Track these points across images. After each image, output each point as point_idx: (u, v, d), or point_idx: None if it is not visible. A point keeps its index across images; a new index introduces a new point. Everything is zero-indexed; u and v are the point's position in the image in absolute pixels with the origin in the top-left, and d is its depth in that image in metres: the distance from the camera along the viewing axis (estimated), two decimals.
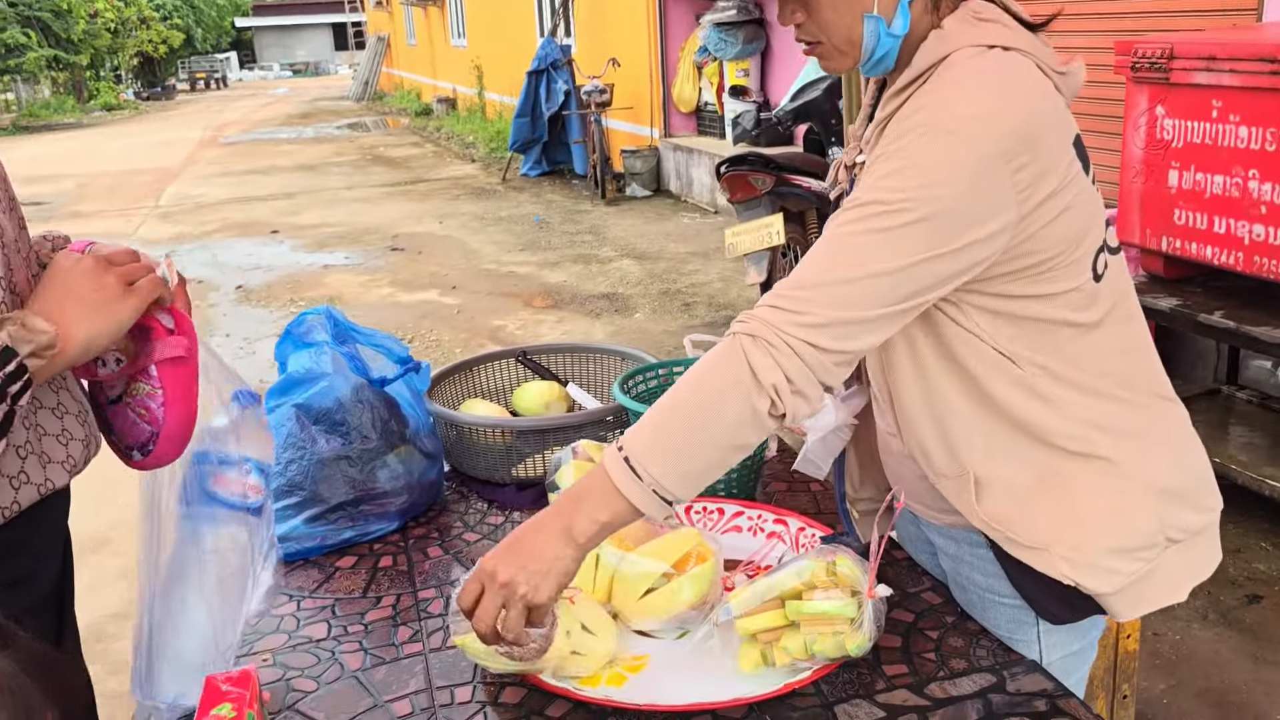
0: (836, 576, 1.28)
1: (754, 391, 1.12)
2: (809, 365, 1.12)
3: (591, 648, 1.29)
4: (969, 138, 1.12)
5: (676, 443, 1.14)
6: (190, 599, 1.27)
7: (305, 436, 1.72)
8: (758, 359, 1.12)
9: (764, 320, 1.13)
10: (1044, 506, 1.29)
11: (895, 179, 1.13)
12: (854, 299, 1.12)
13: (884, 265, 1.12)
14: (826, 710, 1.25)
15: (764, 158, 4.80)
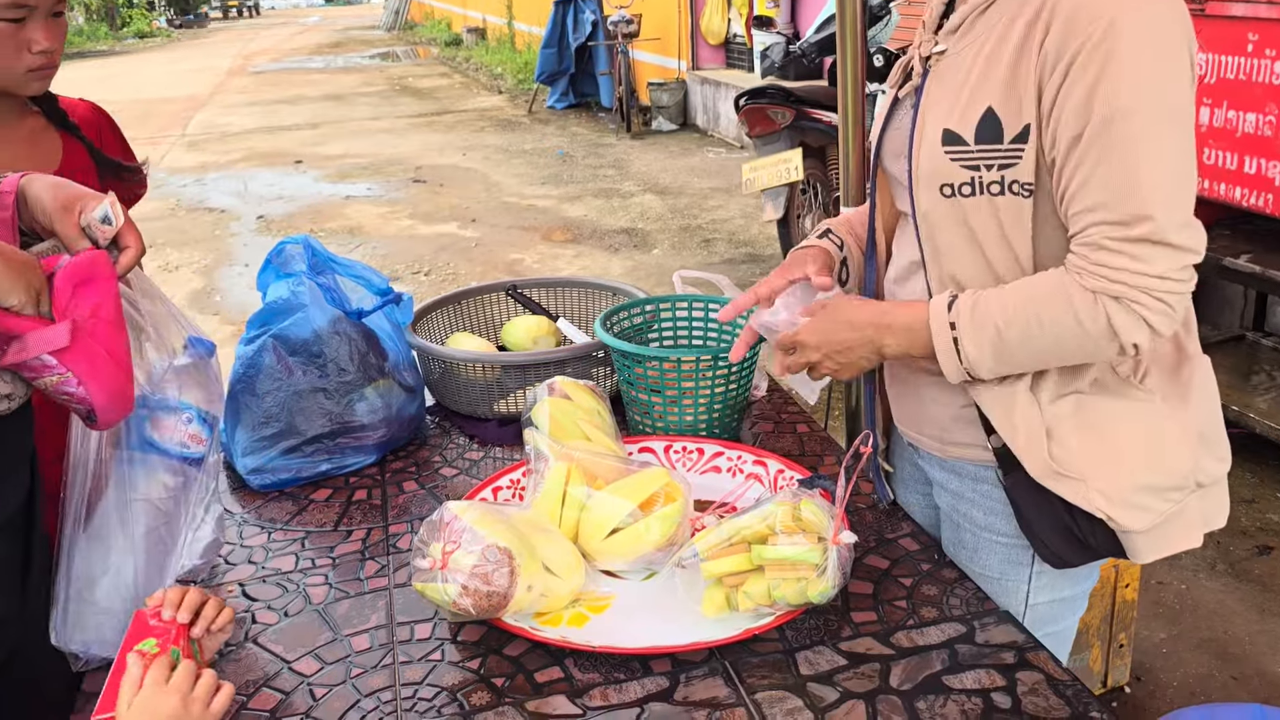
0: (801, 521, 1.24)
1: (1105, 343, 1.18)
2: (1173, 311, 1.16)
3: (553, 589, 1.27)
4: (1162, 16, 1.13)
5: (1011, 355, 1.22)
6: (115, 545, 1.24)
7: (282, 368, 1.70)
8: (1119, 317, 1.15)
9: (1127, 284, 1.14)
10: (1083, 437, 1.26)
11: (1129, 79, 1.12)
12: (1191, 235, 1.14)
13: (1183, 176, 1.15)
14: (787, 656, 1.23)
15: (784, 91, 4.68)
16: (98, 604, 1.20)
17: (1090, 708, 1.12)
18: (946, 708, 1.13)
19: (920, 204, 1.29)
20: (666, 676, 1.20)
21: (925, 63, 1.31)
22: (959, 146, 1.22)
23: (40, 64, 1.57)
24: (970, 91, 1.21)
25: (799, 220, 4.90)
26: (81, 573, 1.20)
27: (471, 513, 1.24)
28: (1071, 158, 1.16)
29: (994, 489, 1.35)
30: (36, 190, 1.19)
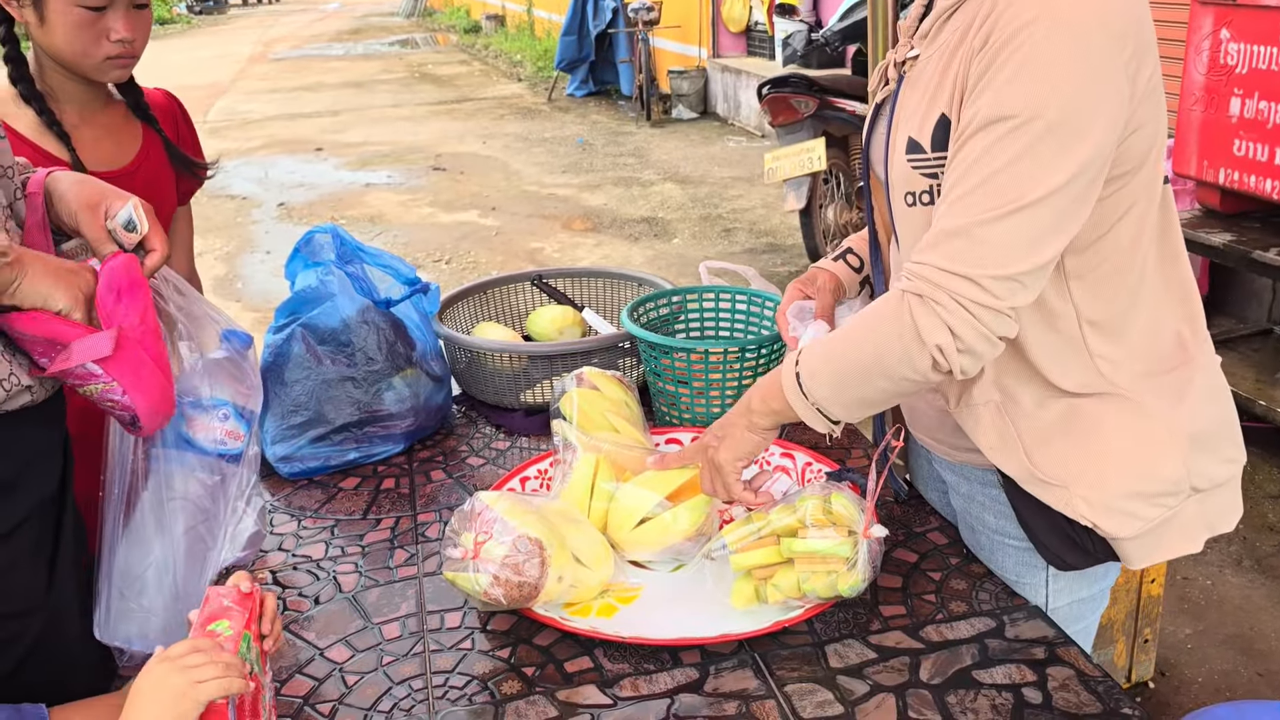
0: (832, 514, 1.24)
1: (915, 350, 1.12)
2: (980, 321, 1.10)
3: (583, 579, 1.27)
4: (1087, 25, 1.05)
5: (838, 379, 1.21)
6: (155, 545, 1.25)
7: (310, 356, 1.71)
8: (923, 318, 1.11)
9: (929, 280, 1.10)
10: (1067, 443, 1.24)
11: (1020, 83, 1.06)
12: (1015, 241, 1.08)
13: (1037, 190, 1.06)
14: (817, 649, 1.23)
15: (807, 80, 4.65)
16: (140, 602, 1.21)
17: (1121, 704, 1.12)
18: (977, 702, 1.13)
19: (895, 213, 1.28)
20: (696, 668, 1.20)
21: (900, 68, 1.28)
22: (919, 155, 1.20)
23: (119, 53, 1.59)
24: (930, 97, 1.19)
25: (821, 210, 4.88)
26: (123, 571, 1.21)
27: (502, 503, 1.24)
28: (952, 154, 1.14)
29: (1001, 493, 1.34)
30: (62, 188, 1.20)
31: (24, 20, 1.57)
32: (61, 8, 1.54)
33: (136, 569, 1.21)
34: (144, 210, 1.17)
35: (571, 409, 1.50)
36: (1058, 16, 1.05)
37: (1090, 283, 1.20)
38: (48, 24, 1.55)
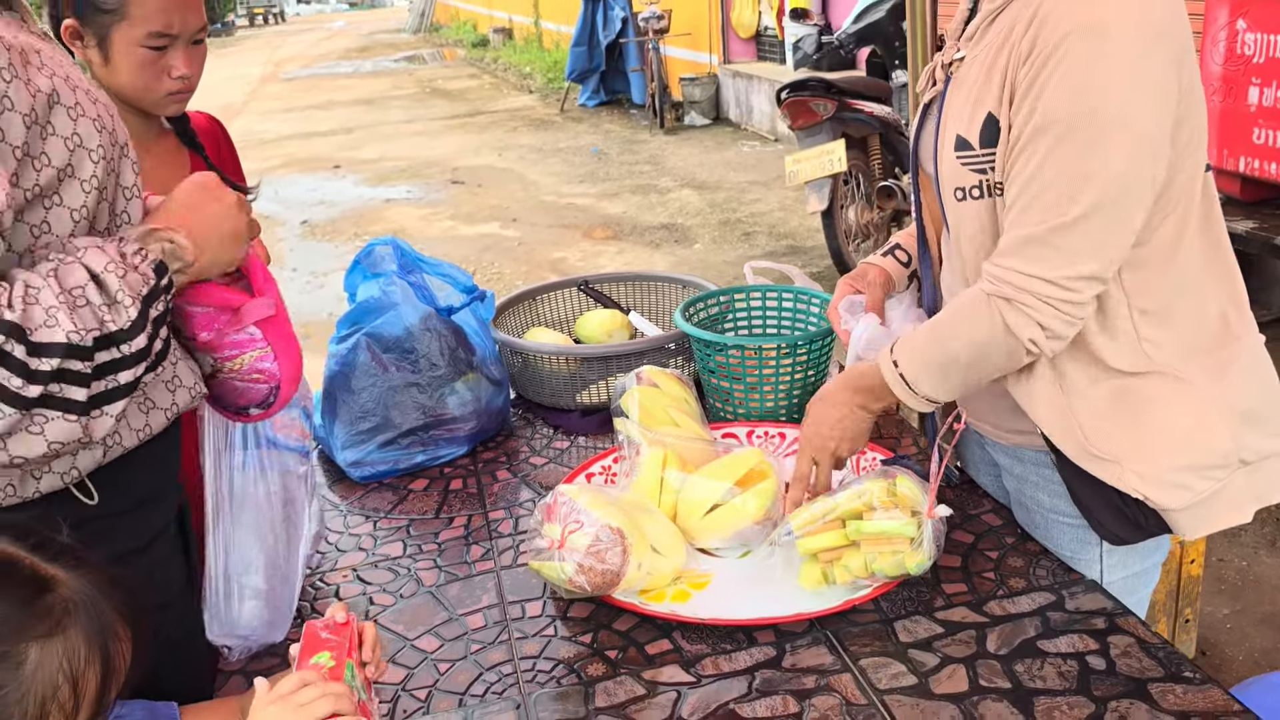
0: (897, 496, 1.30)
1: (1012, 344, 1.24)
2: (1063, 313, 1.21)
3: (659, 567, 1.34)
4: (1126, 30, 1.12)
5: (942, 375, 1.30)
6: (260, 536, 1.32)
7: (376, 364, 1.78)
8: (1013, 317, 1.22)
9: (1014, 285, 1.21)
10: (1120, 420, 1.30)
11: (1069, 89, 1.14)
12: (1085, 244, 1.18)
13: (1099, 192, 1.15)
14: (886, 626, 1.29)
15: (825, 82, 4.72)
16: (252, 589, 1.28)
17: (1183, 667, 1.17)
18: (1044, 670, 1.19)
19: (946, 207, 1.35)
20: (772, 646, 1.26)
21: (947, 69, 1.35)
22: (968, 152, 1.27)
23: (179, 88, 1.67)
24: (976, 97, 1.26)
25: (843, 211, 4.94)
26: (236, 565, 1.28)
27: (584, 495, 1.30)
28: (1010, 164, 1.22)
29: (1055, 473, 1.39)
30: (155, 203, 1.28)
31: (88, 59, 1.64)
32: (126, 48, 1.61)
33: (245, 561, 1.28)
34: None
35: (633, 405, 1.56)
36: (1097, 24, 1.13)
37: (1140, 273, 1.26)
38: (112, 63, 1.63)
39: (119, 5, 1.57)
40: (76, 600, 0.88)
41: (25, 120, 0.99)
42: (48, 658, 0.84)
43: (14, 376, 0.92)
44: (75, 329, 0.96)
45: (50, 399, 0.95)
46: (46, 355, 0.94)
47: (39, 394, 0.94)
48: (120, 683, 0.90)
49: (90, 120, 1.07)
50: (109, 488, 1.14)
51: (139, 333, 1.02)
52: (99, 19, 1.58)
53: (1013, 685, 1.16)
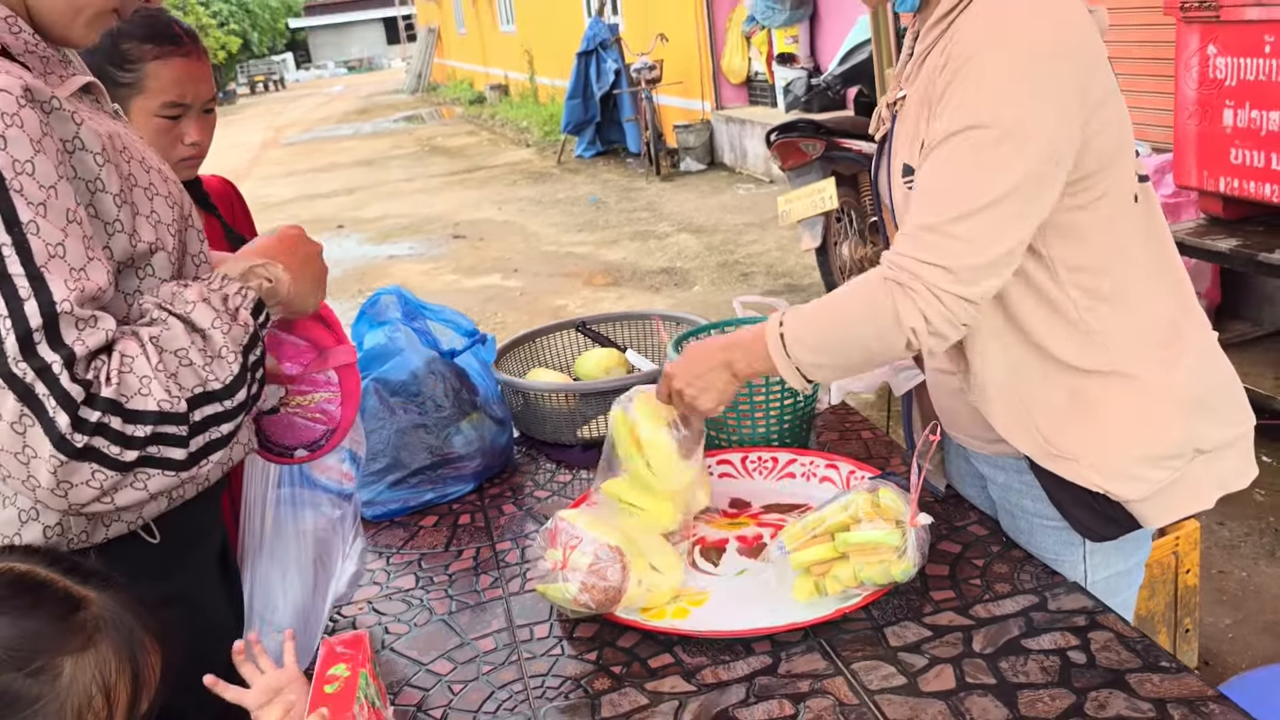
0: (880, 508, 1.37)
1: (894, 331, 1.29)
2: (950, 309, 1.27)
3: (658, 584, 1.40)
4: (1029, 45, 1.22)
5: (820, 343, 1.36)
6: (288, 575, 1.39)
7: (384, 408, 1.86)
8: (902, 304, 1.28)
9: (909, 270, 1.27)
10: (1075, 418, 1.39)
11: (974, 99, 1.24)
12: (981, 234, 1.25)
13: (998, 189, 1.24)
14: (877, 631, 1.35)
15: (813, 123, 4.84)
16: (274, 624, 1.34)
17: (1160, 658, 1.23)
18: (1028, 666, 1.25)
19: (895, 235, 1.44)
20: (768, 655, 1.32)
21: (891, 108, 1.46)
22: (912, 177, 1.37)
23: (191, 154, 1.77)
24: (914, 127, 1.36)
25: (836, 247, 5.04)
26: (264, 600, 1.35)
27: (582, 518, 1.38)
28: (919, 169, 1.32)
29: (1034, 477, 1.46)
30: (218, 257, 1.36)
31: None
32: (142, 118, 1.72)
33: (275, 598, 1.35)
34: None
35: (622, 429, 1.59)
36: (1002, 40, 1.24)
37: (1082, 270, 1.35)
38: None
39: (136, 80, 1.68)
40: (106, 617, 0.94)
41: (115, 200, 1.08)
42: (81, 671, 0.90)
43: (113, 444, 1.01)
44: (168, 397, 1.04)
45: (149, 459, 1.04)
46: (141, 422, 1.03)
47: (136, 457, 1.03)
48: (151, 695, 0.96)
49: (163, 198, 1.16)
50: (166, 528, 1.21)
51: (240, 387, 1.11)
52: (118, 92, 1.69)
53: (997, 681, 1.22)
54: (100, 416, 1.00)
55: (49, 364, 0.98)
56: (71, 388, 0.99)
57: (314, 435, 1.32)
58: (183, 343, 1.07)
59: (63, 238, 1.00)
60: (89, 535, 1.13)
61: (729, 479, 1.76)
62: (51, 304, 0.98)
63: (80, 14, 1.12)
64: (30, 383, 0.98)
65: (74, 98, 1.11)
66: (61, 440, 0.98)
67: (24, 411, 0.98)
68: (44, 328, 0.98)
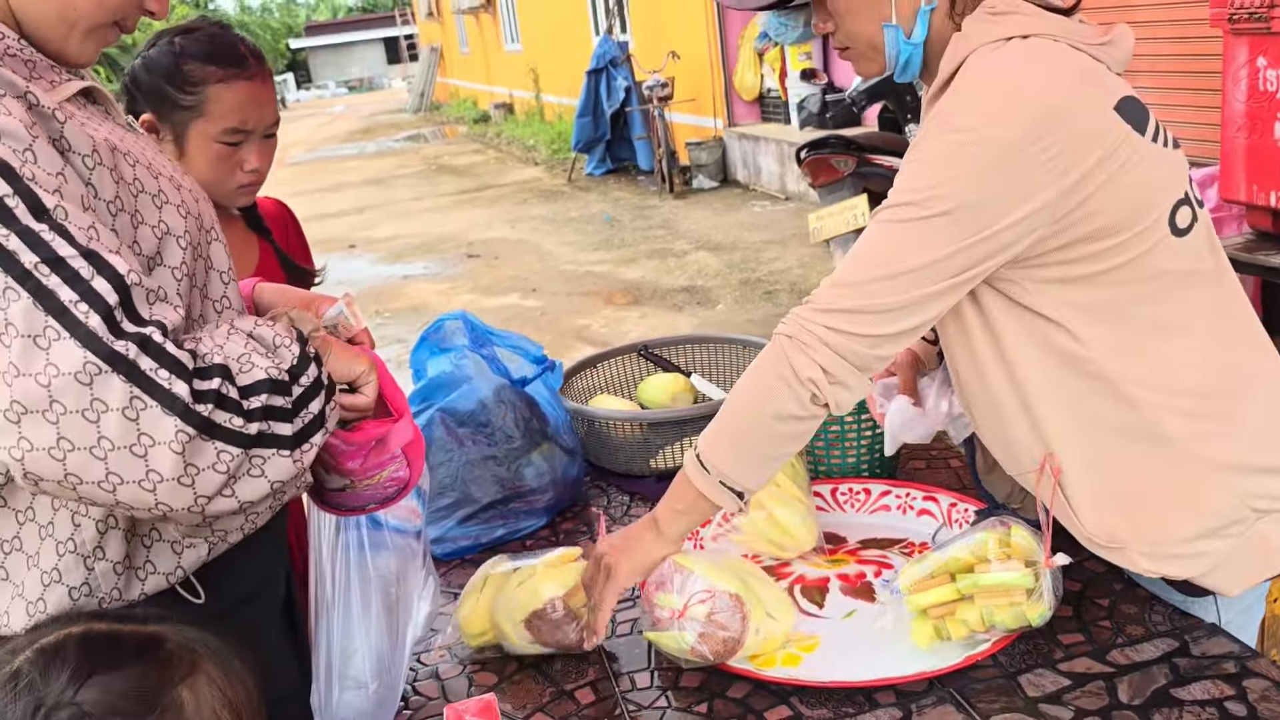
0: (1011, 547, 1.28)
1: (795, 385, 1.22)
2: (843, 355, 1.20)
3: (771, 630, 1.31)
4: (981, 134, 1.15)
5: (734, 437, 1.28)
6: (362, 621, 1.31)
7: (451, 439, 1.77)
8: (795, 356, 1.21)
9: (799, 318, 1.22)
10: (1114, 504, 1.29)
11: (916, 179, 1.19)
12: (884, 291, 1.18)
13: (914, 261, 1.18)
14: (1010, 680, 1.26)
15: (844, 139, 4.77)
16: (354, 679, 1.26)
17: None
18: (1183, 719, 1.16)
19: None
20: (896, 707, 1.23)
21: None
22: None
23: (250, 181, 1.69)
24: None
25: None
26: (338, 651, 1.26)
27: (699, 563, 1.29)
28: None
29: None
30: (269, 298, 1.28)
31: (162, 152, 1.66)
32: (201, 144, 1.64)
33: (348, 646, 1.26)
34: (355, 307, 1.25)
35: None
36: (952, 125, 1.17)
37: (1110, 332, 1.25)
38: (188, 157, 1.65)
39: (197, 103, 1.60)
40: (187, 640, 0.91)
41: (110, 209, 0.99)
42: (199, 694, 0.88)
43: (235, 416, 0.94)
44: (272, 364, 0.99)
45: (264, 436, 0.97)
46: (254, 394, 0.96)
47: (257, 431, 0.95)
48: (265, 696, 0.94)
49: (175, 207, 1.07)
50: (214, 586, 1.13)
51: (307, 365, 1.04)
52: (177, 115, 1.61)
53: None
54: (219, 384, 0.93)
55: (148, 335, 0.90)
56: (180, 354, 0.91)
57: (387, 494, 1.24)
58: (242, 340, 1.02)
59: (92, 220, 0.93)
60: (122, 592, 1.05)
61: (820, 512, 1.67)
62: (120, 277, 0.90)
63: (74, 27, 1.04)
64: (134, 358, 0.89)
65: (70, 103, 1.03)
66: (187, 410, 0.90)
67: (134, 394, 0.88)
68: (122, 304, 0.90)
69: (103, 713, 0.81)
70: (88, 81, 1.08)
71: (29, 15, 1.02)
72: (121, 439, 0.88)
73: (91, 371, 0.87)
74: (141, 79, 1.65)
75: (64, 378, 0.87)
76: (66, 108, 1.00)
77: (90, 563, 1.03)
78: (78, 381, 0.87)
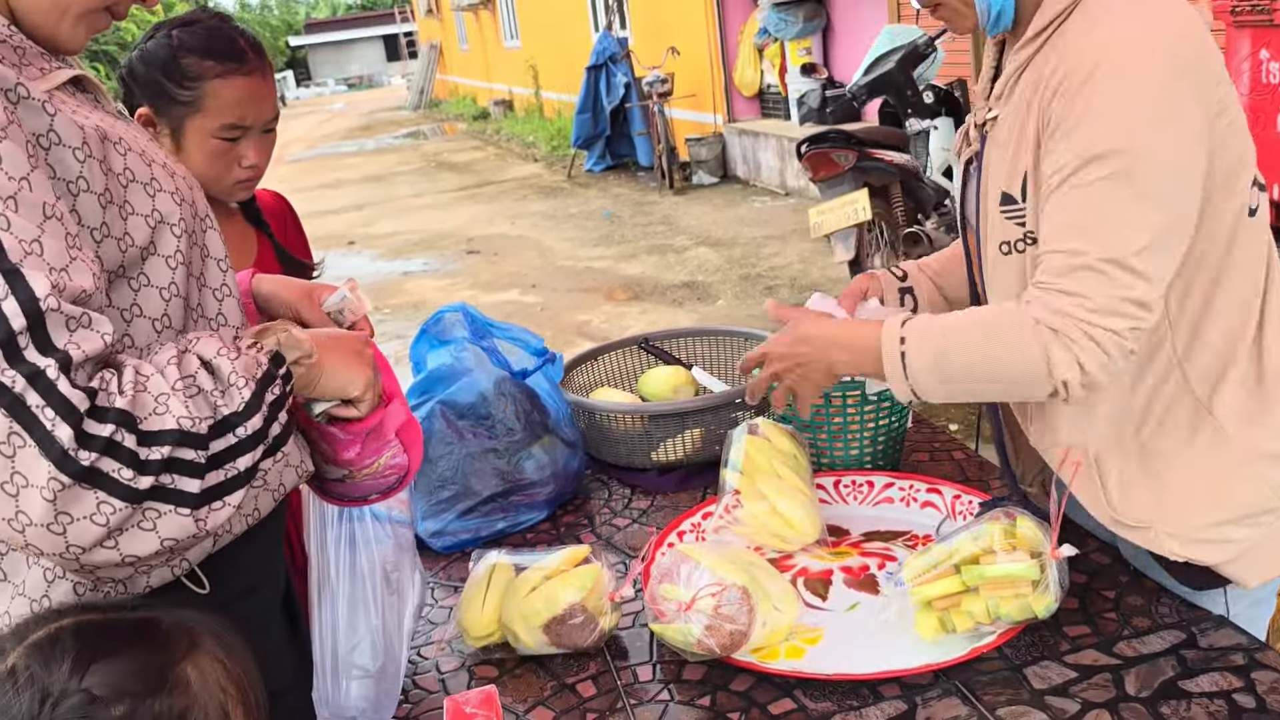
0: (1017, 538, 1.27)
1: (1042, 379, 1.19)
2: (1109, 354, 1.16)
3: (776, 623, 1.30)
4: (1147, 64, 1.13)
5: (953, 376, 1.26)
6: (363, 610, 1.30)
7: (451, 432, 1.76)
8: (1057, 353, 1.17)
9: (1066, 314, 1.16)
10: (1145, 486, 1.28)
11: (1099, 125, 1.15)
12: (1142, 270, 1.14)
13: (1150, 226, 1.14)
14: (1015, 673, 1.24)
15: (845, 134, 4.76)
16: (360, 668, 1.24)
17: None
18: (1192, 711, 1.14)
19: (986, 261, 1.35)
20: (901, 700, 1.22)
21: (980, 129, 1.37)
22: (1013, 206, 1.28)
23: (247, 177, 1.67)
24: (1013, 153, 1.27)
25: (870, 260, 4.95)
26: (342, 641, 1.25)
27: (707, 556, 1.28)
28: (1046, 205, 1.21)
29: None
30: (269, 288, 1.27)
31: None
32: (199, 139, 1.62)
33: (354, 637, 1.25)
34: (359, 291, 1.23)
35: (739, 455, 1.53)
36: (1117, 60, 1.15)
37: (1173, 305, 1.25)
38: (185, 152, 1.63)
39: (194, 99, 1.58)
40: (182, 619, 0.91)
41: (100, 200, 0.97)
42: (203, 669, 0.88)
43: (124, 468, 0.87)
44: (188, 415, 0.91)
45: (161, 490, 0.89)
46: (157, 444, 0.89)
47: (150, 485, 0.88)
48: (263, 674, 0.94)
49: (169, 195, 1.05)
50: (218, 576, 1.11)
51: (253, 414, 0.97)
52: (174, 110, 1.59)
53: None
54: (112, 431, 0.86)
55: (41, 369, 0.83)
56: (72, 394, 0.84)
57: (387, 483, 1.22)
58: (191, 369, 0.95)
59: (38, 234, 0.87)
60: (127, 586, 1.02)
61: (823, 504, 1.65)
62: (34, 300, 0.84)
63: (66, 12, 1.02)
64: (20, 392, 0.83)
65: (60, 91, 1.01)
66: (64, 457, 0.83)
67: (13, 429, 0.82)
68: (29, 329, 0.84)
69: (112, 695, 0.81)
70: (76, 70, 1.07)
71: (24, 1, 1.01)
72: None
73: None
74: (138, 72, 1.63)
75: None
76: (57, 97, 0.98)
77: None
78: None
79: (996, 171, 1.31)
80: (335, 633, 1.26)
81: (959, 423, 3.87)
